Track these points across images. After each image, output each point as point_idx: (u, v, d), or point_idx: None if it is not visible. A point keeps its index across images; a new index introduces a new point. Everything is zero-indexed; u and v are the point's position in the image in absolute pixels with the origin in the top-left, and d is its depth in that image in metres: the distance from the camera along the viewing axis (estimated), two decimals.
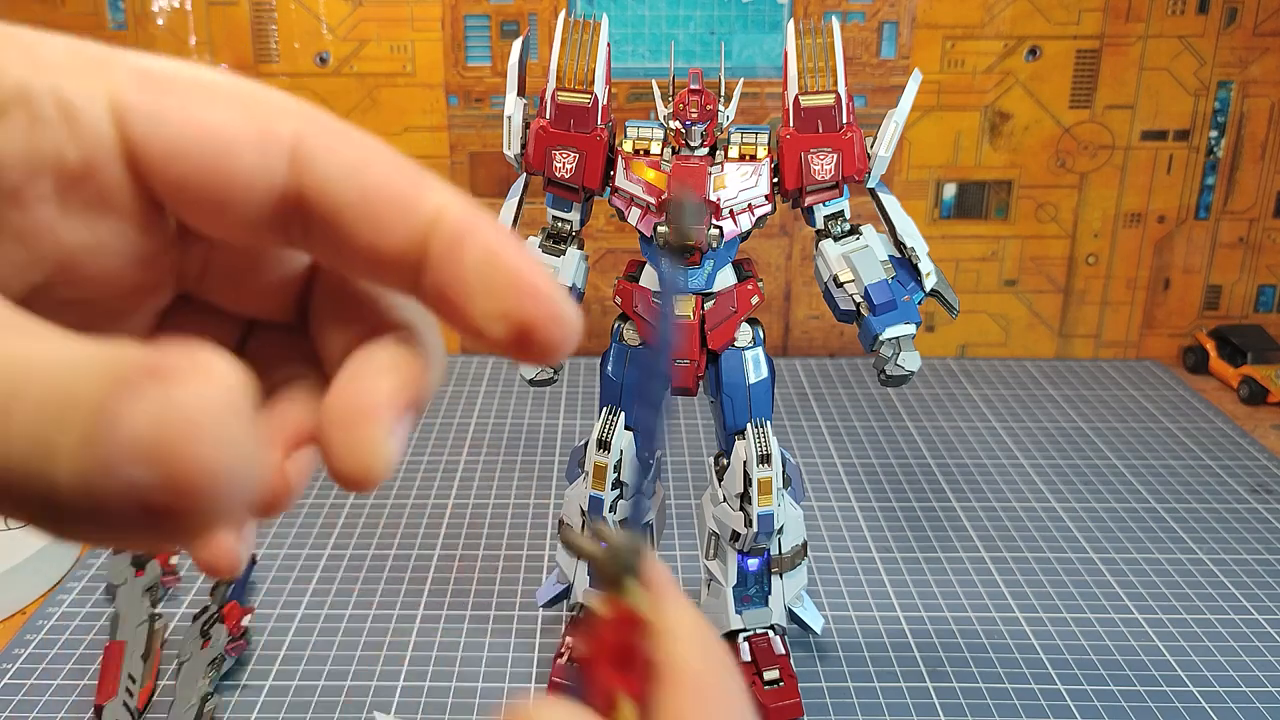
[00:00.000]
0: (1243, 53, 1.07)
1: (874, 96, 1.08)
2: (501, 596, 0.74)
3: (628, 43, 1.06)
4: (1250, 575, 0.77)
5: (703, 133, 0.58)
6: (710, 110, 0.58)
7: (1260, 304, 1.17)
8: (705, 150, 0.59)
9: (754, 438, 0.61)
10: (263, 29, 1.05)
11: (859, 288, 0.60)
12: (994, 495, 0.88)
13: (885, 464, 0.93)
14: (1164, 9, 1.06)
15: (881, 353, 0.60)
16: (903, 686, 0.65)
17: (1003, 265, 1.14)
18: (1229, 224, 1.14)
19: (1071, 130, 1.10)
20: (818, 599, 0.72)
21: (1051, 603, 0.73)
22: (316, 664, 0.67)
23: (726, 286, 0.61)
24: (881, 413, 1.02)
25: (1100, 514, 0.85)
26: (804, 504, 0.65)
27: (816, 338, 1.16)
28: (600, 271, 1.11)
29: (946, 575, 0.76)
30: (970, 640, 0.69)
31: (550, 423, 0.99)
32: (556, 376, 0.64)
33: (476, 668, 0.66)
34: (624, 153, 0.60)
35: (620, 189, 0.60)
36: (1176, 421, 1.01)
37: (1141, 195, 1.12)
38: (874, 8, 1.06)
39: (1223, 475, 0.91)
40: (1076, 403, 1.05)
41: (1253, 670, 0.67)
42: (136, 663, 0.63)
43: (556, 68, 0.60)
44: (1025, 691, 0.64)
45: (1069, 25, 1.06)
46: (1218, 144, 1.10)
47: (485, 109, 1.08)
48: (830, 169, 0.59)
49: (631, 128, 0.60)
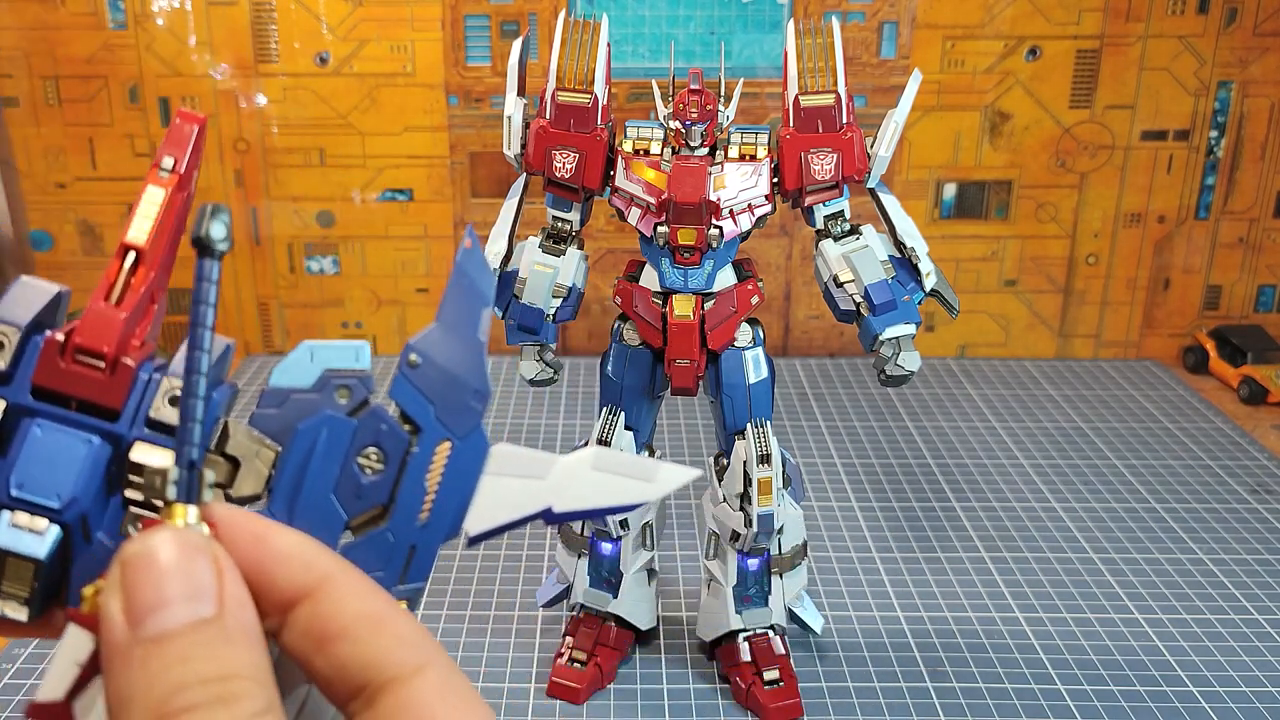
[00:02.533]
0: (1243, 53, 1.07)
1: (874, 96, 1.08)
2: (501, 596, 0.74)
3: (628, 43, 1.06)
4: (1250, 575, 0.77)
5: (703, 133, 0.58)
6: (710, 110, 0.58)
7: (1260, 304, 1.17)
8: (705, 150, 0.59)
9: (754, 438, 0.61)
10: (263, 29, 1.05)
11: (859, 288, 0.59)
12: (994, 495, 0.88)
13: (885, 464, 0.93)
14: (1164, 9, 1.06)
15: (881, 353, 0.60)
16: (903, 686, 0.65)
17: (1003, 265, 1.14)
18: (1229, 224, 1.14)
19: (1071, 130, 1.10)
20: (818, 599, 0.72)
21: (1051, 603, 0.73)
22: None
23: (726, 286, 0.61)
24: (881, 413, 1.02)
25: (1100, 514, 0.85)
26: (804, 504, 0.65)
27: (816, 338, 1.16)
28: (600, 271, 1.12)
29: (946, 575, 0.76)
30: (970, 640, 0.69)
31: (550, 423, 0.99)
32: (556, 376, 0.64)
33: (476, 668, 0.66)
34: (624, 153, 0.60)
35: (620, 189, 0.60)
36: (1176, 421, 1.01)
37: (1141, 195, 1.12)
38: (874, 8, 1.06)
39: (1223, 475, 0.91)
40: (1076, 403, 1.05)
41: (1253, 670, 0.67)
42: None
43: (556, 68, 0.60)
44: (1025, 691, 0.64)
45: (1069, 25, 1.06)
46: (1218, 144, 1.10)
47: (485, 109, 1.08)
48: (830, 169, 0.59)
49: (631, 128, 0.60)
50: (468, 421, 0.25)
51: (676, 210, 0.58)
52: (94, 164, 1.09)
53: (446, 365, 0.25)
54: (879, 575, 0.76)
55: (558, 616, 0.71)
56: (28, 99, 1.07)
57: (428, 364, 0.25)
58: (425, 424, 0.25)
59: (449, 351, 0.26)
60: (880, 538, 0.81)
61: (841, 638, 0.69)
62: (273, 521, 0.24)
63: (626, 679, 0.66)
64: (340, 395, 0.25)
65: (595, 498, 0.26)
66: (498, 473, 0.26)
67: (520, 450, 0.26)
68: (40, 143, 1.09)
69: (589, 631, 0.66)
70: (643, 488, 0.26)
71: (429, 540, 0.26)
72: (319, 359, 0.25)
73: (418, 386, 0.25)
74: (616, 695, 0.64)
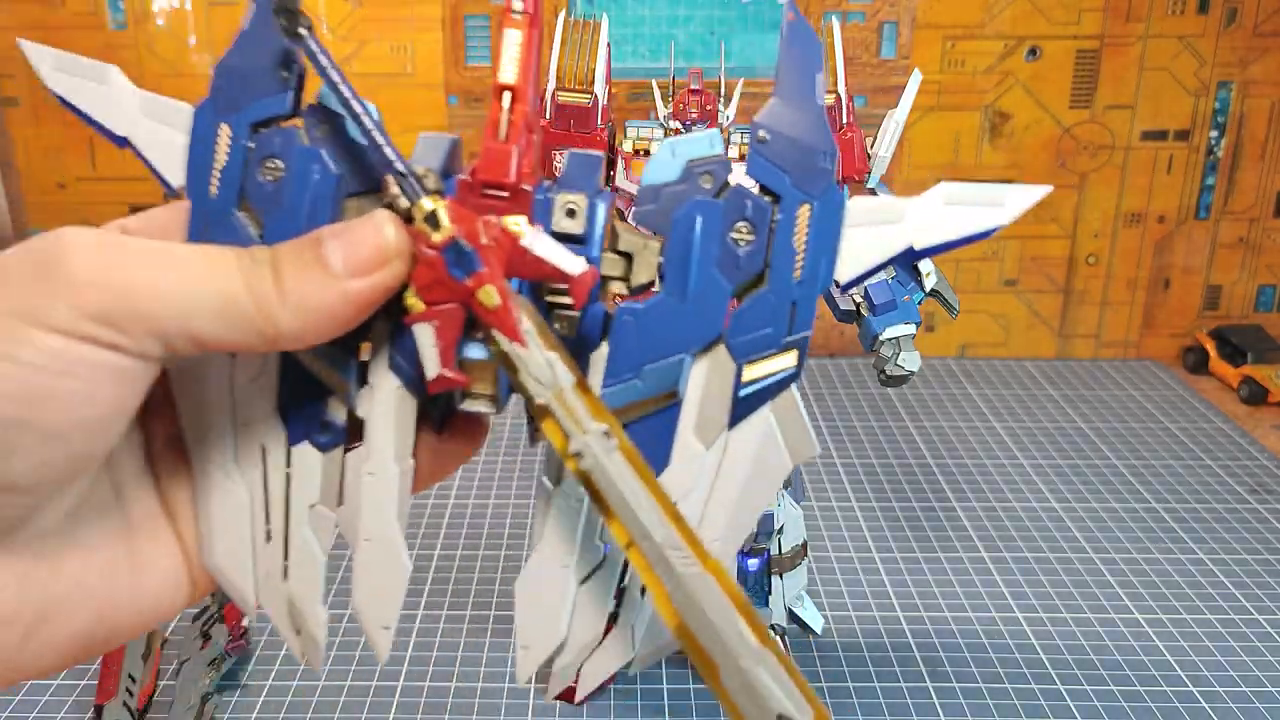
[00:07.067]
0: (1243, 53, 1.07)
1: (874, 96, 1.08)
2: (501, 596, 0.74)
3: (628, 43, 1.06)
4: (1250, 575, 0.77)
5: None
6: (710, 110, 0.58)
7: (1260, 304, 1.17)
8: None
9: None
10: None
11: (859, 288, 0.60)
12: (994, 495, 0.88)
13: (885, 464, 0.93)
14: (1164, 9, 1.06)
15: (881, 353, 0.60)
16: (903, 686, 0.65)
17: (1003, 265, 1.14)
18: (1229, 224, 1.14)
19: (1071, 130, 1.10)
20: (818, 599, 0.72)
21: (1051, 603, 0.73)
22: None
23: None
24: (881, 413, 1.02)
25: (1100, 514, 0.85)
26: (804, 504, 0.65)
27: (816, 338, 1.16)
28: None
29: (946, 575, 0.76)
30: (970, 640, 0.69)
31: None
32: None
33: (476, 668, 0.66)
34: (624, 153, 0.60)
35: (621, 189, 0.60)
36: (1176, 421, 1.01)
37: (1141, 195, 1.12)
38: (874, 8, 1.06)
39: (1223, 475, 0.91)
40: (1076, 403, 1.05)
41: (1253, 670, 0.67)
42: (136, 663, 0.63)
43: (556, 68, 0.60)
44: (1025, 691, 0.64)
45: (1069, 25, 1.06)
46: (1218, 144, 1.10)
47: (485, 109, 1.08)
48: None
49: (631, 128, 0.60)
50: (822, 181, 0.28)
51: None
52: (94, 164, 1.09)
53: (792, 134, 0.28)
54: (879, 575, 0.76)
55: None
56: (28, 99, 1.07)
57: (775, 137, 0.28)
58: (784, 192, 0.28)
59: (792, 121, 0.28)
60: (880, 538, 0.81)
61: (841, 638, 0.69)
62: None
63: (626, 679, 0.66)
64: (704, 181, 0.28)
65: (952, 229, 0.28)
66: (856, 224, 0.28)
67: (874, 200, 0.29)
68: (40, 143, 1.09)
69: None
70: (995, 213, 0.28)
71: (807, 294, 0.28)
72: (679, 153, 0.28)
73: (770, 160, 0.28)
74: (616, 695, 0.64)
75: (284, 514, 0.30)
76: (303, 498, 0.30)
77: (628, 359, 0.28)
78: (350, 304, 0.26)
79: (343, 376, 0.29)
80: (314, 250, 0.26)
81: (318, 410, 0.29)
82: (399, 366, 0.28)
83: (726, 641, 0.27)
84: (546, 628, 0.31)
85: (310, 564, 0.30)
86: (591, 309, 0.28)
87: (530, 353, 0.27)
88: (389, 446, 0.29)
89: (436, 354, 0.27)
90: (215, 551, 0.29)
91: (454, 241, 0.26)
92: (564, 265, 0.27)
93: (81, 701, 0.63)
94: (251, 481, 0.30)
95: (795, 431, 0.30)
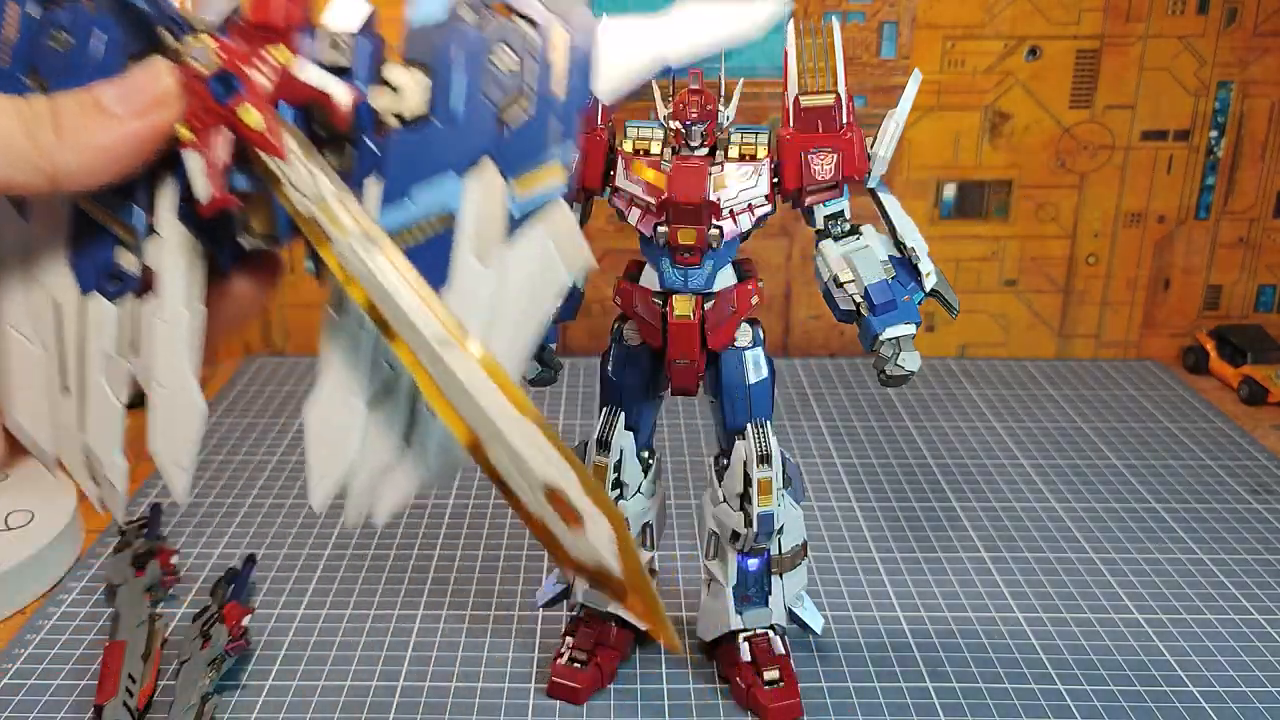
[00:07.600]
0: (1243, 53, 1.07)
1: (874, 96, 1.08)
2: (501, 596, 0.74)
3: None
4: (1250, 575, 0.77)
5: (703, 133, 0.58)
6: (710, 110, 0.58)
7: (1260, 304, 1.17)
8: (705, 150, 0.59)
9: (754, 438, 0.61)
10: None
11: (859, 288, 0.59)
12: (994, 495, 0.88)
13: (885, 464, 0.93)
14: (1164, 9, 1.06)
15: (881, 353, 0.59)
16: (903, 686, 0.65)
17: (1003, 265, 1.14)
18: (1229, 224, 1.14)
19: (1071, 130, 1.10)
20: (818, 599, 0.72)
21: (1051, 603, 0.73)
22: (316, 664, 0.67)
23: (726, 286, 0.61)
24: (881, 413, 1.02)
25: (1100, 514, 0.85)
26: (804, 504, 0.65)
27: (816, 338, 1.16)
28: (600, 271, 1.11)
29: (946, 575, 0.76)
30: (970, 640, 0.69)
31: (550, 423, 0.99)
32: (556, 376, 0.64)
33: (476, 668, 0.66)
34: (624, 153, 0.60)
35: (620, 189, 0.60)
36: (1176, 421, 1.01)
37: (1141, 195, 1.12)
38: (874, 8, 1.06)
39: (1223, 475, 0.91)
40: (1076, 403, 1.05)
41: (1253, 670, 0.67)
42: (136, 663, 0.63)
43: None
44: (1025, 691, 0.64)
45: (1069, 25, 1.06)
46: (1218, 144, 1.10)
47: None
48: (830, 169, 0.59)
49: (631, 128, 0.60)
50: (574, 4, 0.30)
51: (676, 210, 0.57)
52: None
53: None
54: (879, 575, 0.76)
55: (558, 616, 0.71)
56: None
57: None
58: (539, 18, 0.30)
59: None
60: (880, 538, 0.81)
61: (841, 638, 0.69)
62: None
63: (626, 679, 0.66)
64: (465, 12, 0.30)
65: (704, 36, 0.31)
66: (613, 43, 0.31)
67: (628, 20, 0.31)
68: None
69: (589, 632, 0.66)
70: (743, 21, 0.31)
71: (567, 110, 0.30)
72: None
73: None
74: (616, 695, 0.64)
75: (79, 366, 0.31)
76: (98, 348, 0.30)
77: (398, 181, 0.30)
78: (128, 142, 0.27)
79: (129, 224, 0.30)
80: (91, 95, 0.27)
81: (107, 258, 0.30)
82: (186, 215, 0.30)
83: (494, 420, 0.29)
84: (337, 453, 0.32)
85: (107, 413, 0.31)
86: (364, 142, 0.30)
87: (293, 165, 0.28)
88: (179, 293, 0.30)
89: (206, 179, 0.28)
90: (14, 408, 0.30)
91: (221, 73, 0.28)
92: (329, 88, 0.28)
93: (81, 701, 0.63)
94: (45, 336, 0.31)
95: (569, 245, 0.32)
